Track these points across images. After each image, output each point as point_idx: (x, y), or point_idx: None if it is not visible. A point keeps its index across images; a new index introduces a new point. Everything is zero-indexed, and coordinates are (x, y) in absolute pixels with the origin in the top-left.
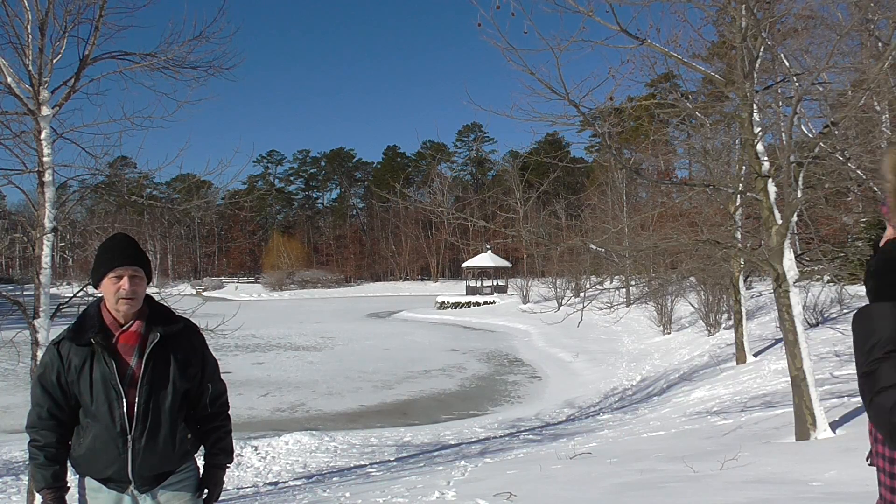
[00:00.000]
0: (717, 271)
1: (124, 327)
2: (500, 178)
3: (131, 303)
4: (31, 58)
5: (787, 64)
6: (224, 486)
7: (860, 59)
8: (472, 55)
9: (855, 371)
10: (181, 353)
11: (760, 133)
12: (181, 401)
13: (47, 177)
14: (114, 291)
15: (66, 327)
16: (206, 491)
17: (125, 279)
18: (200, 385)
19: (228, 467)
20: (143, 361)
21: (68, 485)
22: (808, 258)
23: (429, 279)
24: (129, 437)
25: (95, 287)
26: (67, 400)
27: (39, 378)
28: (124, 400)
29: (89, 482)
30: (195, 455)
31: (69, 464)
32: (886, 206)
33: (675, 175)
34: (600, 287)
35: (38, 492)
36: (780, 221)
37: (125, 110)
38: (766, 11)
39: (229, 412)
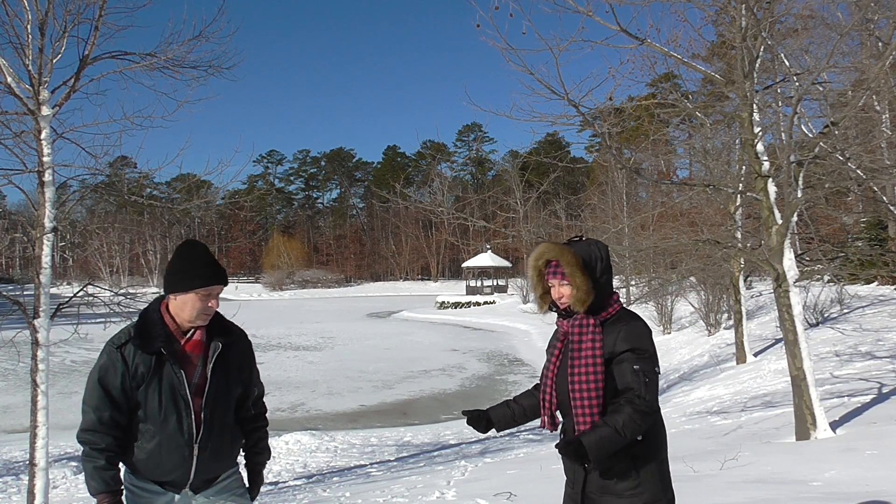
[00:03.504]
0: (717, 271)
1: (187, 336)
2: (500, 178)
3: (208, 318)
4: (31, 58)
5: (787, 64)
6: None
7: (860, 59)
8: (471, 55)
9: (854, 371)
10: (237, 360)
11: (760, 133)
12: (235, 405)
13: (47, 177)
14: (199, 308)
15: (124, 329)
16: (251, 486)
17: (214, 298)
18: (248, 389)
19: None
20: (208, 371)
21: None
22: (808, 258)
23: (429, 279)
24: (195, 444)
25: (168, 292)
26: (128, 404)
27: (100, 381)
28: (192, 409)
29: (140, 481)
30: None
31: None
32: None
33: (675, 175)
34: None
35: (95, 495)
36: (780, 221)
37: (125, 110)
38: (766, 11)
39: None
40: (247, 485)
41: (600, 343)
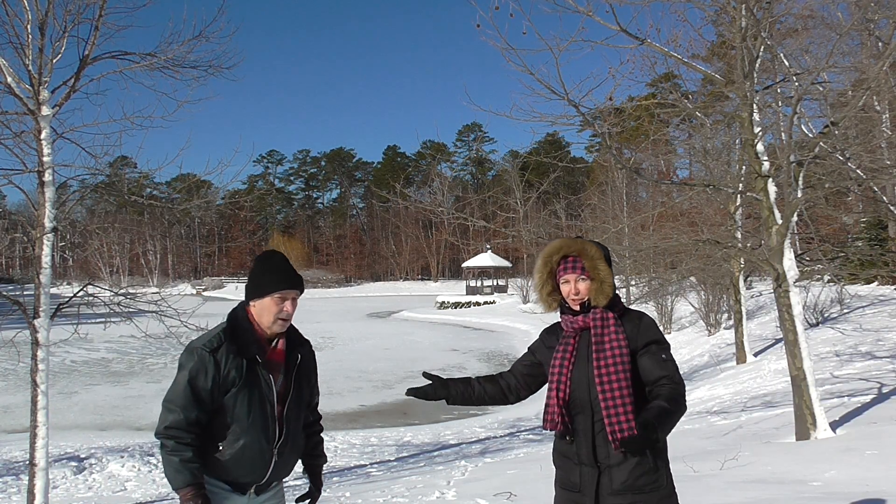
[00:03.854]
0: (717, 271)
1: (273, 345)
2: (500, 178)
3: (285, 324)
4: (31, 58)
5: (787, 64)
6: None
7: (860, 59)
8: (471, 55)
9: (854, 371)
10: (308, 369)
11: (760, 133)
12: None
13: (47, 177)
14: (275, 312)
15: (213, 333)
16: (313, 490)
17: (289, 302)
18: (311, 397)
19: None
20: (291, 381)
21: None
22: (808, 258)
23: (429, 279)
24: (275, 449)
25: (248, 300)
26: (213, 406)
27: (190, 382)
28: (275, 415)
29: (213, 480)
30: None
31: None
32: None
33: (675, 175)
34: None
35: (181, 488)
36: (780, 221)
37: (125, 110)
38: (766, 11)
39: None
40: (309, 487)
41: (623, 335)
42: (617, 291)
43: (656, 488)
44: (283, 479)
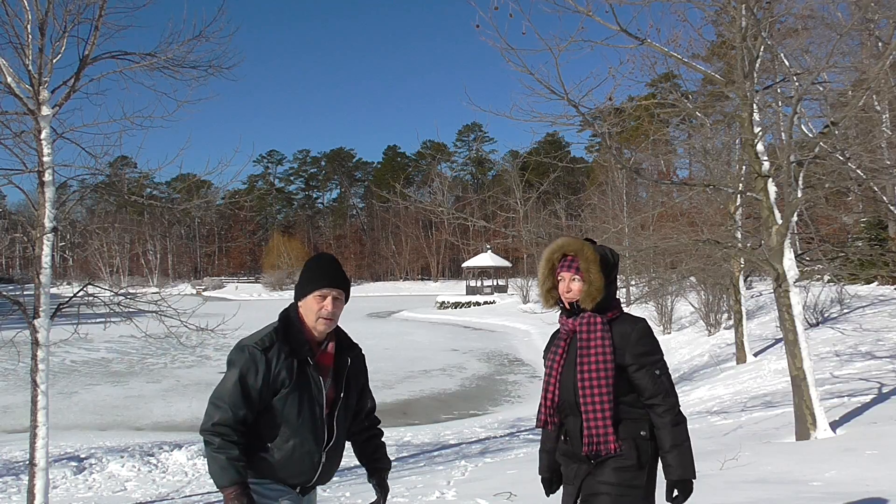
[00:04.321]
0: (717, 271)
1: (322, 347)
2: (500, 178)
3: (329, 323)
4: (31, 58)
5: (787, 64)
6: None
7: (860, 59)
8: (471, 55)
9: (854, 371)
10: (357, 374)
11: (760, 133)
12: None
13: (47, 177)
14: (316, 310)
15: (265, 332)
16: (380, 497)
17: (329, 300)
18: (363, 401)
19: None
20: (340, 384)
21: None
22: (808, 258)
23: (429, 279)
24: (324, 451)
25: (295, 300)
26: (261, 406)
27: (240, 381)
28: (324, 418)
29: (260, 480)
30: None
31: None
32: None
33: (675, 175)
34: None
35: (227, 486)
36: (780, 221)
37: (125, 110)
38: (766, 11)
39: None
40: (377, 493)
41: (609, 341)
42: (616, 296)
43: (635, 486)
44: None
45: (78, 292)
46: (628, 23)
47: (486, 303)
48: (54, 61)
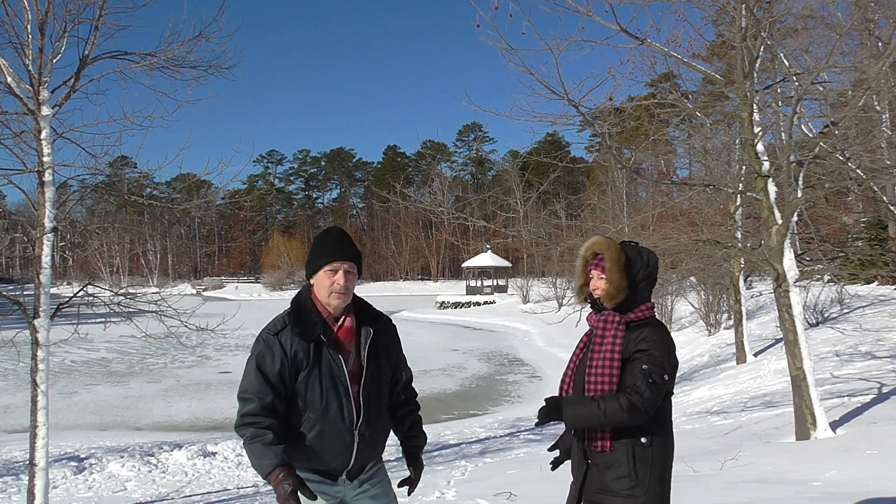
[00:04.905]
0: (717, 271)
1: (339, 322)
2: (500, 178)
3: (343, 297)
4: (31, 58)
5: (787, 64)
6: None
7: (860, 59)
8: (471, 55)
9: (854, 371)
10: (386, 346)
11: (760, 133)
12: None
13: (47, 177)
14: (328, 285)
15: (279, 317)
16: (412, 472)
17: (340, 273)
18: (397, 373)
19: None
20: (363, 358)
21: None
22: (808, 258)
23: (429, 279)
24: (355, 431)
25: (308, 279)
26: (286, 391)
27: (259, 367)
28: (350, 395)
29: (300, 471)
30: None
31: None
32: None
33: (675, 175)
34: None
35: (268, 474)
36: (780, 221)
37: (125, 110)
38: (766, 11)
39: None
40: (408, 471)
41: (621, 341)
42: (645, 300)
43: (631, 496)
44: (377, 464)
45: (78, 292)
46: (628, 23)
47: (486, 303)
48: (54, 61)
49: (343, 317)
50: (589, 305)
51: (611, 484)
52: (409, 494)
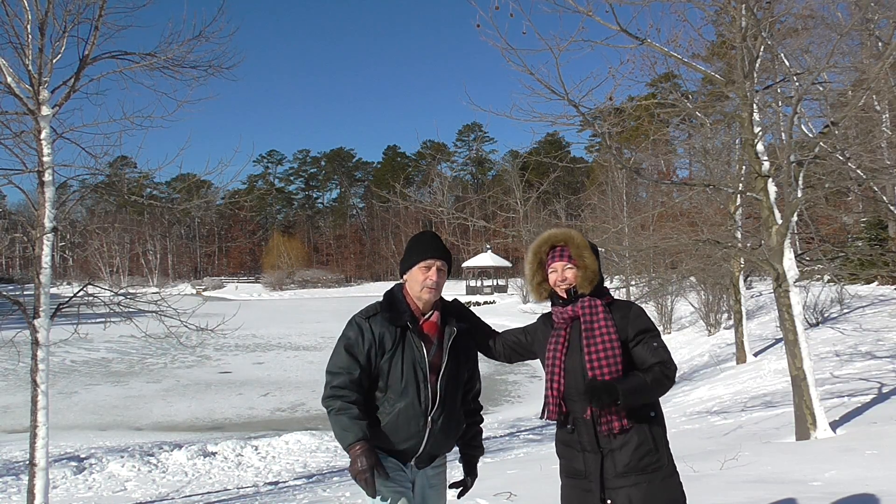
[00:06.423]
0: (717, 271)
1: (426, 316)
2: (500, 177)
3: (433, 292)
4: (30, 58)
5: (787, 64)
6: None
7: (860, 59)
8: (472, 55)
9: (854, 371)
10: (467, 347)
11: (760, 133)
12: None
13: (47, 177)
14: (421, 280)
15: (371, 305)
16: (468, 478)
17: (433, 269)
18: (471, 381)
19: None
20: (445, 351)
21: None
22: (808, 258)
23: None
24: (429, 416)
25: (402, 275)
26: (371, 372)
27: (347, 348)
28: (428, 381)
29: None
30: None
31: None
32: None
33: (675, 175)
34: None
35: (351, 444)
36: (780, 221)
37: (125, 110)
38: (766, 11)
39: None
40: (462, 476)
41: (612, 321)
42: (604, 280)
43: (658, 468)
44: (441, 462)
45: (78, 292)
46: (628, 23)
47: (486, 303)
48: (54, 61)
49: (430, 312)
50: (550, 303)
51: (636, 463)
52: (458, 497)
